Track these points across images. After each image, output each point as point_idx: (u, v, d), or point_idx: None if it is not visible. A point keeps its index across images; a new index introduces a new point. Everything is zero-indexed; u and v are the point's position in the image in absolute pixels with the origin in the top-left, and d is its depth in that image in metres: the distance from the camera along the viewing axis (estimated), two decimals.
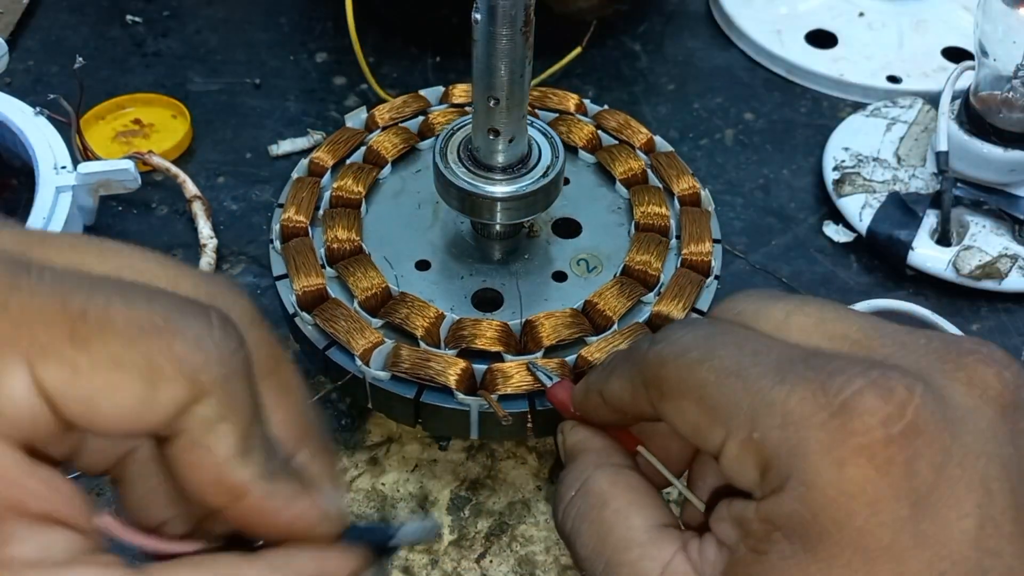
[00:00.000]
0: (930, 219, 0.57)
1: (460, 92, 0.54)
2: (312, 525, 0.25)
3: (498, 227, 0.46)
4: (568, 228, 0.48)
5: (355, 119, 0.52)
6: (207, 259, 0.55)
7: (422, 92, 0.54)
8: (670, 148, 0.52)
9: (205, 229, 0.57)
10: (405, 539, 0.28)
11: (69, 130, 0.56)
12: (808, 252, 0.58)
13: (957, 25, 0.73)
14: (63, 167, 0.53)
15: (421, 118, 0.52)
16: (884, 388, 0.24)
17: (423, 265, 0.46)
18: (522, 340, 0.43)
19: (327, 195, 0.48)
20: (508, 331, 0.42)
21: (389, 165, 0.49)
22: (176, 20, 0.75)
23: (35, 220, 0.50)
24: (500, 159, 0.42)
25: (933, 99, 0.62)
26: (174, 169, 0.59)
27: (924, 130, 0.62)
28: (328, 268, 0.44)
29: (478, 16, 0.37)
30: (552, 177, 0.43)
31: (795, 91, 0.70)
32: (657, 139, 0.52)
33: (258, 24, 0.75)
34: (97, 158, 0.57)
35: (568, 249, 0.47)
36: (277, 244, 0.45)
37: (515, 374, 0.41)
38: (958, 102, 0.58)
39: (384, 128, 0.51)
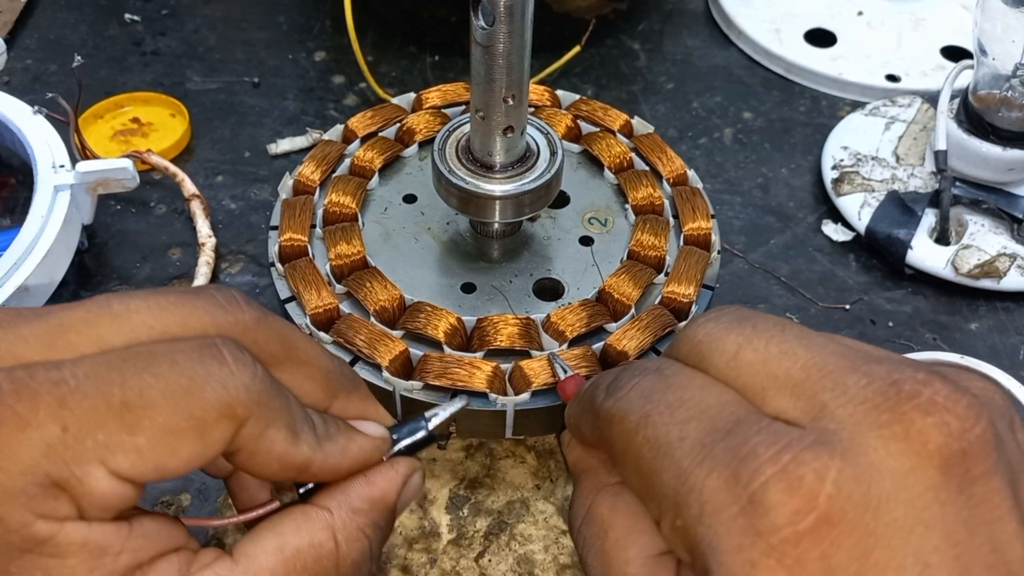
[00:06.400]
0: (929, 218, 0.57)
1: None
2: (368, 459, 0.30)
3: (497, 225, 0.46)
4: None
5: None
6: (205, 258, 0.55)
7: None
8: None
9: (204, 228, 0.57)
10: (439, 424, 0.34)
11: (67, 129, 0.56)
12: (807, 251, 0.58)
13: (956, 24, 0.73)
14: (61, 166, 0.53)
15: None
16: (793, 477, 0.23)
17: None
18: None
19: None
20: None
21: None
22: (174, 19, 0.74)
23: (33, 218, 0.50)
24: (502, 158, 0.42)
25: (932, 98, 0.62)
26: (172, 168, 0.59)
27: (923, 129, 0.62)
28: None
29: (494, 17, 0.36)
30: (552, 173, 0.43)
31: (794, 90, 0.70)
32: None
33: (257, 23, 0.74)
34: (95, 157, 0.56)
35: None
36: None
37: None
38: (957, 101, 0.58)
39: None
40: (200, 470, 0.31)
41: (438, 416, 0.34)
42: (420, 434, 0.33)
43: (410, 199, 0.49)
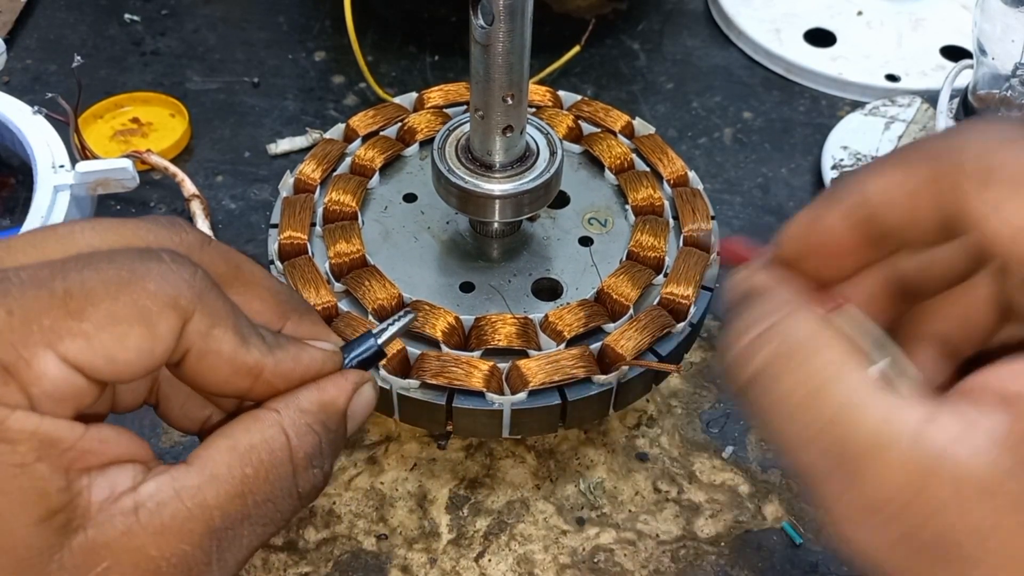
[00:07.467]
0: None
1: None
2: (321, 368, 0.30)
3: (496, 225, 0.46)
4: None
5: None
6: None
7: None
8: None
9: (204, 228, 0.57)
10: (388, 338, 0.33)
11: (67, 129, 0.56)
12: None
13: (956, 24, 0.73)
14: (61, 166, 0.53)
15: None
16: None
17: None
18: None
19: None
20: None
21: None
22: (174, 19, 0.75)
23: (33, 218, 0.50)
24: (502, 157, 0.42)
25: (932, 98, 0.62)
26: (172, 168, 0.59)
27: (922, 129, 0.62)
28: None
29: (493, 16, 0.36)
30: (552, 173, 0.43)
31: (794, 90, 0.70)
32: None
33: (256, 23, 0.74)
34: (95, 157, 0.57)
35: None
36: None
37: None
38: (956, 100, 0.58)
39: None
40: (172, 424, 0.32)
41: (387, 331, 0.34)
42: (371, 350, 0.33)
43: (410, 198, 0.49)
